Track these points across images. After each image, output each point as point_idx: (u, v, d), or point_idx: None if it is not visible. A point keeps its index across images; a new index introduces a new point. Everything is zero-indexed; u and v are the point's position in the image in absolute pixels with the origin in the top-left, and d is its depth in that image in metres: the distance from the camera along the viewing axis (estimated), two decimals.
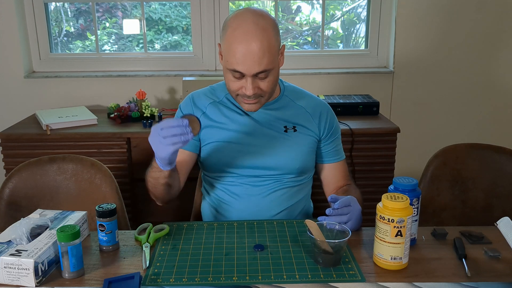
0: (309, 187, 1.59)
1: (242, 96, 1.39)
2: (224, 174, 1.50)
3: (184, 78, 2.47)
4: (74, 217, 1.27)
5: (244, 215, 1.47)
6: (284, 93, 1.53)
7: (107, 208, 1.22)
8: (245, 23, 1.31)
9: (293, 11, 3.03)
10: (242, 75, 1.34)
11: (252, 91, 1.34)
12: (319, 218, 1.25)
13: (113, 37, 2.98)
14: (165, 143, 1.16)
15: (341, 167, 1.56)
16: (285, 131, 1.48)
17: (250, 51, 1.29)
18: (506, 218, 1.32)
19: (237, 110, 1.49)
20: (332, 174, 1.55)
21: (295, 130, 1.48)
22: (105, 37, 2.97)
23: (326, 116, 1.52)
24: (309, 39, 3.04)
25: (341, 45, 3.06)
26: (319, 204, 1.64)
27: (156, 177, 1.35)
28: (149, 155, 2.25)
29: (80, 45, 2.95)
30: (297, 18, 3.03)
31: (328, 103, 1.58)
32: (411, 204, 1.16)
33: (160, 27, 2.92)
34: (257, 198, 1.48)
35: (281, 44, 1.41)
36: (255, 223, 1.38)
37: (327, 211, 1.24)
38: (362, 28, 2.97)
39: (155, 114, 2.42)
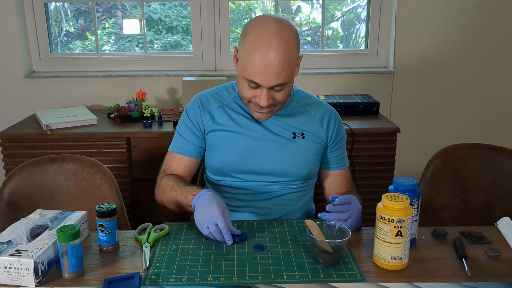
0: (312, 191, 1.59)
1: (255, 104, 1.38)
2: (229, 178, 1.50)
3: (184, 78, 2.47)
4: (74, 217, 1.27)
5: (246, 217, 1.47)
6: (293, 99, 1.51)
7: (107, 208, 1.22)
8: (268, 32, 1.27)
9: (293, 11, 3.03)
10: (258, 85, 1.32)
11: (266, 102, 1.33)
12: (319, 215, 1.25)
13: (113, 37, 2.98)
14: (204, 231, 1.26)
15: (344, 174, 1.55)
16: (293, 137, 1.47)
17: (270, 64, 1.27)
18: (506, 218, 1.32)
19: (246, 115, 1.48)
20: (335, 180, 1.54)
21: (303, 137, 1.47)
22: (105, 37, 2.97)
23: (334, 123, 1.51)
24: (309, 39, 3.04)
25: (341, 45, 3.06)
26: (320, 204, 1.64)
27: (181, 206, 1.40)
28: (149, 155, 2.27)
29: (80, 45, 2.95)
30: (297, 18, 3.03)
31: (328, 103, 1.58)
32: (411, 204, 1.16)
33: (160, 27, 2.92)
34: (261, 202, 1.48)
35: (300, 55, 1.38)
36: (255, 223, 1.38)
37: (327, 207, 1.25)
38: (362, 28, 2.97)
39: (155, 114, 2.42)
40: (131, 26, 2.91)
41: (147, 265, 1.16)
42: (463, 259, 1.17)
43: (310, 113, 1.50)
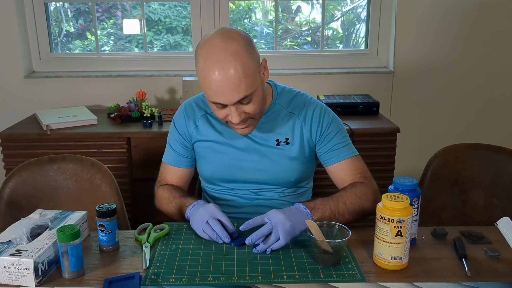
0: (309, 192, 1.57)
1: (230, 123, 1.33)
2: (219, 187, 1.50)
3: (184, 78, 2.47)
4: (74, 217, 1.27)
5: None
6: (276, 101, 1.45)
7: (107, 208, 1.22)
8: (214, 51, 1.22)
9: (293, 11, 3.03)
10: (224, 105, 1.28)
11: (238, 118, 1.28)
12: (253, 251, 1.21)
13: (112, 38, 2.98)
14: (198, 231, 1.28)
15: (346, 165, 1.43)
16: (277, 144, 1.43)
17: (225, 81, 1.22)
18: (506, 218, 1.32)
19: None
20: (336, 176, 1.45)
21: (287, 143, 1.43)
22: (104, 38, 2.97)
23: (318, 120, 1.43)
24: (309, 39, 3.04)
25: (341, 45, 3.06)
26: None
27: (176, 215, 1.42)
28: (149, 155, 2.27)
29: (80, 45, 2.95)
30: (297, 18, 3.03)
31: (328, 103, 1.56)
32: (411, 204, 1.16)
33: (160, 27, 2.92)
34: (256, 208, 1.46)
35: (261, 59, 1.32)
36: None
37: (246, 241, 1.21)
38: (362, 28, 2.97)
39: (155, 114, 2.42)
40: (131, 26, 2.91)
41: (147, 265, 1.16)
42: (463, 259, 1.17)
43: (294, 114, 1.44)
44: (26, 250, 1.10)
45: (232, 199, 1.49)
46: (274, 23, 2.85)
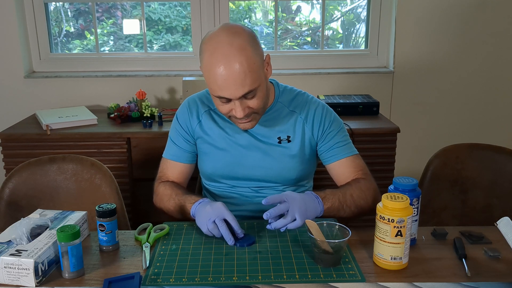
0: (310, 189, 1.57)
1: (234, 117, 1.35)
2: (221, 184, 1.50)
3: (184, 78, 2.47)
4: (74, 217, 1.27)
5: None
6: (278, 100, 1.47)
7: (107, 208, 1.22)
8: (219, 45, 1.25)
9: (293, 11, 3.03)
10: (228, 99, 1.29)
11: (242, 113, 1.30)
12: (267, 227, 1.23)
13: (112, 38, 2.97)
14: (204, 229, 1.28)
15: (347, 163, 1.44)
16: (279, 142, 1.44)
17: (230, 75, 1.24)
18: (506, 218, 1.32)
19: (230, 121, 1.45)
20: (338, 173, 1.46)
21: (289, 141, 1.44)
22: (105, 38, 2.97)
23: (320, 118, 1.45)
24: (309, 39, 3.04)
25: (340, 45, 3.06)
26: None
27: (180, 214, 1.41)
28: (149, 155, 2.27)
29: (79, 45, 2.94)
30: (297, 18, 3.03)
31: (328, 103, 1.57)
32: (411, 204, 1.16)
33: (160, 27, 2.92)
34: (256, 205, 1.47)
35: (264, 55, 1.34)
36: (255, 223, 1.38)
37: (264, 215, 1.22)
38: (362, 28, 2.97)
39: (155, 114, 2.42)
40: (131, 26, 2.91)
41: (147, 265, 1.16)
42: (463, 259, 1.17)
43: (295, 113, 1.46)
44: (26, 250, 1.10)
45: (233, 197, 1.49)
46: (274, 23, 2.85)
